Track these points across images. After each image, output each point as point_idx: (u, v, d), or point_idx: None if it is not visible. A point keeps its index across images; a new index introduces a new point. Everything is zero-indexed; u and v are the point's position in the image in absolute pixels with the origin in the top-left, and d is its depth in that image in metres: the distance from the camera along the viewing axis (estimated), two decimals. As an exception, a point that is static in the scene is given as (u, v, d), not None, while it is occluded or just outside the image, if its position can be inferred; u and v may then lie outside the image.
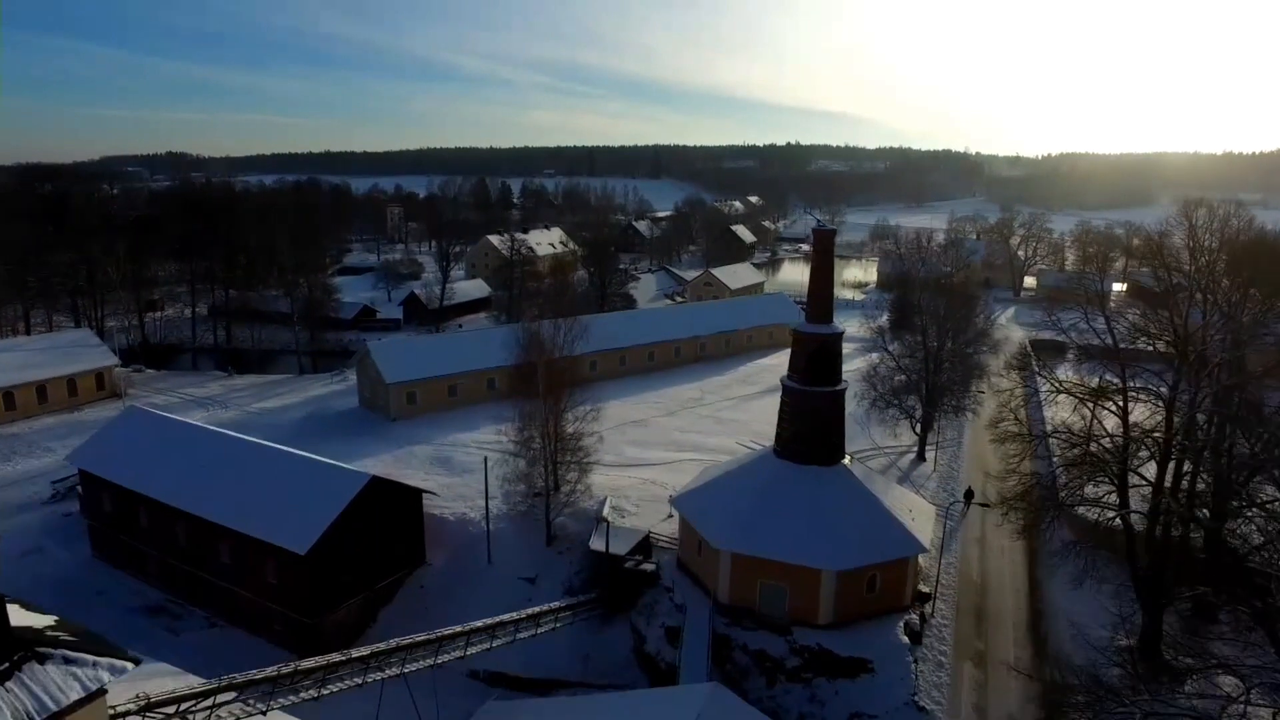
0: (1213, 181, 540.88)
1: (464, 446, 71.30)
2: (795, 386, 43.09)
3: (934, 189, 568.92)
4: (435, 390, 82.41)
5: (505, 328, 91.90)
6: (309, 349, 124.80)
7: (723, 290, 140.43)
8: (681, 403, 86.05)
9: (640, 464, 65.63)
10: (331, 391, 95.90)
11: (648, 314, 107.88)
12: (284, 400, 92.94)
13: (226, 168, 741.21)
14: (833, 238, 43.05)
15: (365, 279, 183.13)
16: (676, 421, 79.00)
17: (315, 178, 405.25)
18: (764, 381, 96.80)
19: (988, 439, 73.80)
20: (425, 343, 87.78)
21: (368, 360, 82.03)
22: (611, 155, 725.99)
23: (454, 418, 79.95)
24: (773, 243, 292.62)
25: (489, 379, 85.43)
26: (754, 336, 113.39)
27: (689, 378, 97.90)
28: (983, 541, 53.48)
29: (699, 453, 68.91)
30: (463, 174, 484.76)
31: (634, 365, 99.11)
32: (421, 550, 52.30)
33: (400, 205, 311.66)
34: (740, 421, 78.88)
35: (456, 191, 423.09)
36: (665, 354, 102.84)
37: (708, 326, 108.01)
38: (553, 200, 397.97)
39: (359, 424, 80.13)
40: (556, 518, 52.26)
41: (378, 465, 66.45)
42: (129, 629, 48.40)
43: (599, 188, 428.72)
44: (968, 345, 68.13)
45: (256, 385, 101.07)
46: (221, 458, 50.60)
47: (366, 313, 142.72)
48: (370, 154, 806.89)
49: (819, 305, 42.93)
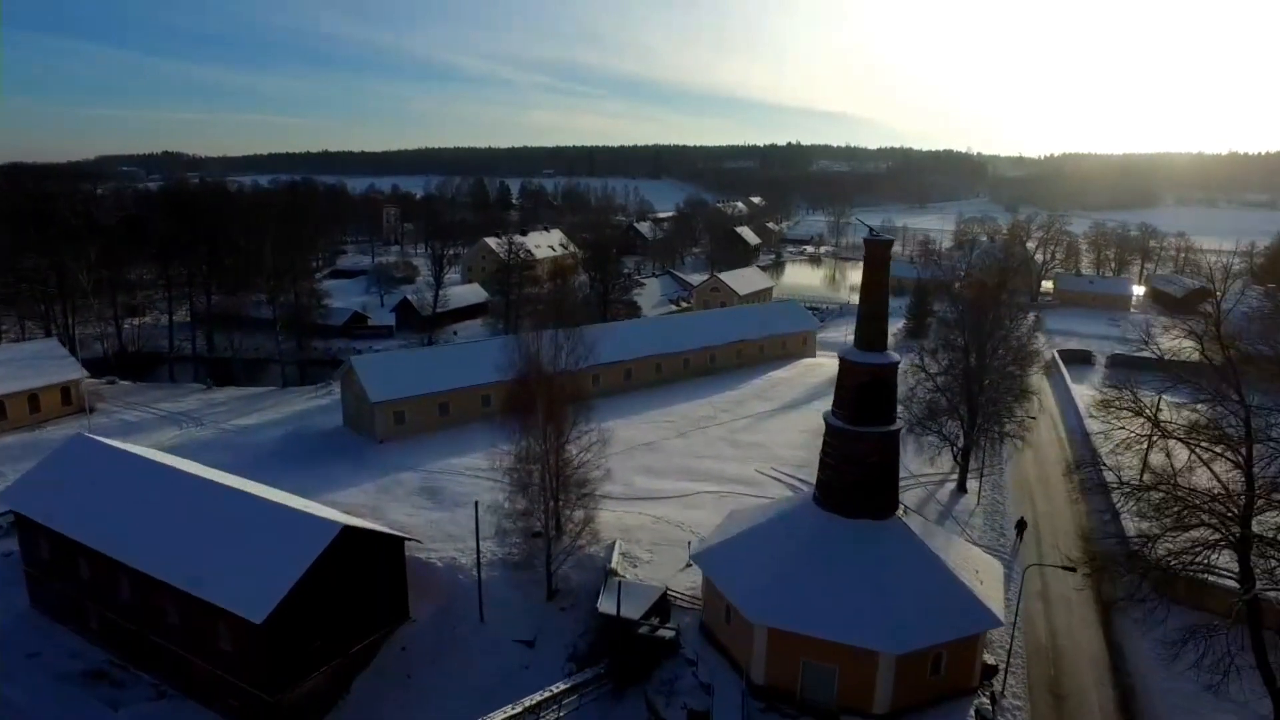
0: (1218, 183, 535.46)
1: (455, 474, 64.64)
2: (841, 426, 36.42)
3: (937, 189, 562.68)
4: (425, 409, 75.74)
5: (501, 339, 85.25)
6: (296, 358, 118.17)
7: (730, 296, 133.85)
8: (693, 422, 79.35)
9: (652, 497, 58.90)
10: (315, 407, 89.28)
11: (654, 324, 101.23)
12: (264, 416, 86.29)
13: (222, 168, 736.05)
14: (889, 250, 36.35)
15: (358, 283, 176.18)
16: (689, 444, 72.28)
17: (310, 178, 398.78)
18: (779, 397, 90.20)
19: (1031, 468, 67.82)
20: (414, 357, 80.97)
21: (352, 376, 75.36)
22: (611, 155, 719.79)
23: (445, 439, 73.34)
24: (776, 244, 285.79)
25: (484, 395, 78.83)
26: (766, 347, 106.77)
27: (699, 392, 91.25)
28: (1045, 595, 46.79)
29: (716, 483, 62.25)
30: (461, 174, 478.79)
31: (640, 379, 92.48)
32: (404, 605, 45.61)
33: (396, 206, 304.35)
34: (758, 444, 72.17)
35: (454, 192, 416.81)
36: (673, 366, 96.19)
37: (718, 336, 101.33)
38: (552, 201, 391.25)
39: (342, 446, 73.46)
40: (558, 568, 45.57)
41: (359, 497, 59.89)
42: (62, 699, 41.74)
43: (599, 188, 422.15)
44: (1011, 362, 61.29)
45: (236, 399, 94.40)
46: (174, 499, 43.84)
47: (357, 319, 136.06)
48: (369, 154, 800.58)
49: (871, 329, 36.21)
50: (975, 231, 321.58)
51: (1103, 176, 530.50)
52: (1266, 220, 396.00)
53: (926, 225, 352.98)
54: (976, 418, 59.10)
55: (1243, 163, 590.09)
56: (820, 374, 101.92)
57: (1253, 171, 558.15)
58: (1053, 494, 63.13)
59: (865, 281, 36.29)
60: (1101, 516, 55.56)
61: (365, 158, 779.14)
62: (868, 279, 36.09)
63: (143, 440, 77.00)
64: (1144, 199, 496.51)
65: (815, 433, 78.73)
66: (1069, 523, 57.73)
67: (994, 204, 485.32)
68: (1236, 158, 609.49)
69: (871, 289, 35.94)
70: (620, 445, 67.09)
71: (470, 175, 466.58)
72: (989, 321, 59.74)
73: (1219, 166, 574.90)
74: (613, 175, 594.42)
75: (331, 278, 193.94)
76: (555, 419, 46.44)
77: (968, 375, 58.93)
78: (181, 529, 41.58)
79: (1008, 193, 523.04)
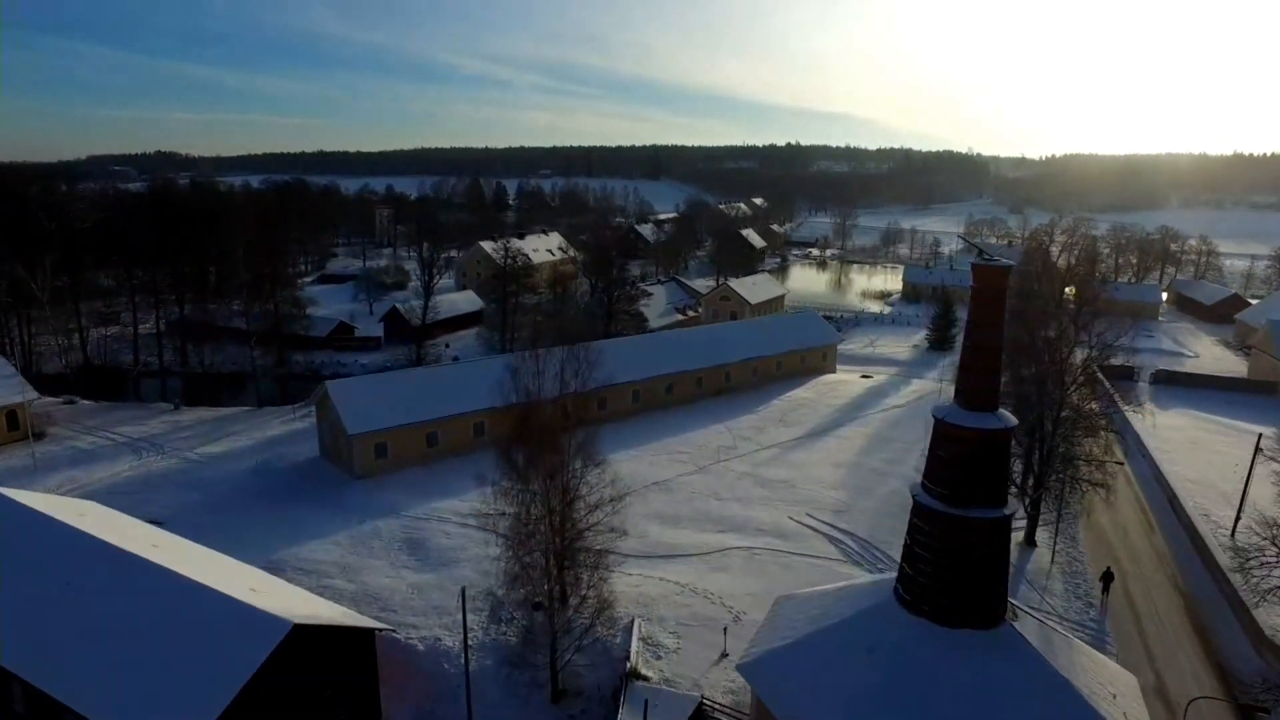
0: (1223, 183, 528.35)
1: (443, 521, 56.14)
2: (939, 509, 27.82)
3: (940, 190, 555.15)
4: (410, 440, 67.19)
5: (495, 360, 76.84)
6: (275, 371, 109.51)
7: (741, 305, 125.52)
8: (711, 453, 70.87)
9: (672, 555, 50.39)
10: (291, 431, 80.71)
11: (663, 339, 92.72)
12: (234, 442, 77.74)
13: (215, 168, 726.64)
14: (1005, 280, 27.86)
15: (347, 288, 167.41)
16: (708, 482, 63.77)
17: (302, 178, 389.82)
18: (803, 421, 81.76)
19: (1103, 514, 59.34)
20: (398, 380, 72.24)
21: (327, 403, 66.81)
22: (609, 155, 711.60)
23: (433, 475, 64.88)
24: (781, 247, 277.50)
25: (476, 423, 70.51)
26: (784, 363, 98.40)
27: (713, 416, 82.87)
28: (1163, 692, 38.31)
29: (745, 534, 53.80)
30: (457, 174, 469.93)
31: (649, 401, 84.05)
32: (375, 709, 37.10)
33: (390, 207, 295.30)
34: (787, 483, 63.70)
35: (450, 192, 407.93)
36: (685, 387, 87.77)
37: (733, 352, 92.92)
38: (550, 201, 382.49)
39: (316, 482, 64.89)
40: (565, 664, 37.05)
41: (331, 552, 51.32)
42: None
43: (598, 188, 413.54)
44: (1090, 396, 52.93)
45: (205, 422, 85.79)
46: (91, 584, 35.24)
47: (343, 330, 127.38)
48: (364, 154, 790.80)
49: (981, 382, 27.62)
50: (985, 234, 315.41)
51: (1107, 177, 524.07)
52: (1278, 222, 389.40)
53: (932, 227, 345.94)
54: (1047, 460, 50.79)
55: (1248, 164, 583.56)
56: (843, 393, 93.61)
57: (1259, 173, 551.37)
58: (1133, 545, 54.84)
59: (975, 319, 27.67)
60: (1198, 575, 47.55)
61: (361, 158, 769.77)
62: (979, 316, 27.50)
63: (96, 471, 68.77)
64: (1149, 200, 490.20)
65: (849, 468, 70.20)
66: (1162, 582, 49.45)
67: (997, 205, 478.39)
68: (1241, 159, 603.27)
69: (983, 328, 27.33)
70: (630, 481, 58.67)
71: (466, 175, 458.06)
72: (1062, 342, 51.42)
73: (1224, 168, 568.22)
74: (611, 176, 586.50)
75: (320, 283, 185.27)
76: (560, 471, 38.01)
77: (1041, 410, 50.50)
78: (96, 627, 33.03)
79: (1011, 194, 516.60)
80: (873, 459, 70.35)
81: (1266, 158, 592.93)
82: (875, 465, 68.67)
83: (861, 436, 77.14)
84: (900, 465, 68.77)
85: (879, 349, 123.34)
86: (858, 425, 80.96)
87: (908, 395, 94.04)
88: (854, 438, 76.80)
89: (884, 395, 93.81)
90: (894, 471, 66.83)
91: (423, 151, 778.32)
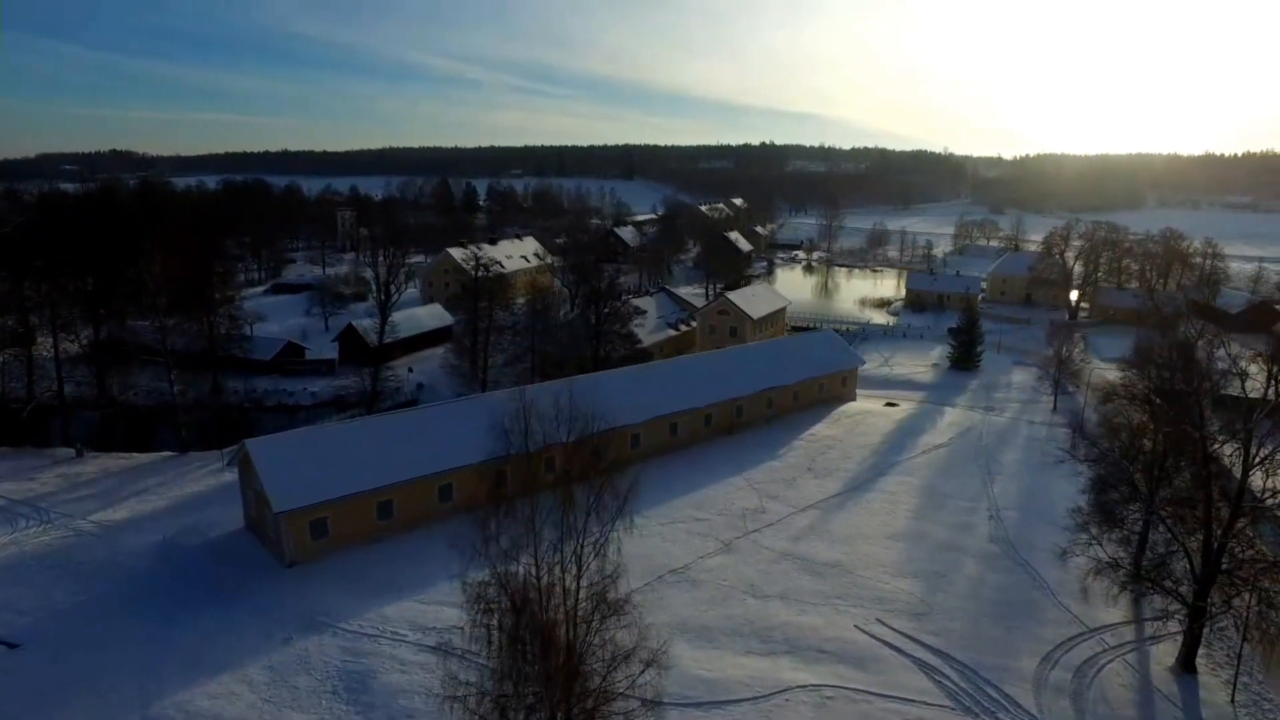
0: (1198, 184, 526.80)
1: (397, 640, 41.90)
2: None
3: (919, 191, 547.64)
4: (357, 513, 52.78)
5: (463, 406, 62.59)
6: (209, 403, 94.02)
7: (742, 321, 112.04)
8: (735, 520, 57.18)
9: (714, 701, 36.52)
10: (219, 486, 65.81)
11: (664, 370, 78.46)
12: (142, 504, 62.98)
13: (174, 167, 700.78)
14: None
15: (302, 299, 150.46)
16: (740, 568, 50.03)
17: (261, 178, 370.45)
18: (835, 470, 68.41)
19: None
20: (340, 436, 57.13)
21: (249, 466, 52.33)
22: (582, 155, 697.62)
23: (386, 560, 50.69)
24: (765, 250, 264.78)
25: (441, 485, 56.45)
26: (801, 392, 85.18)
27: (728, 462, 69.33)
28: None
29: (803, 657, 40.16)
30: (425, 174, 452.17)
31: (651, 445, 70.30)
32: None
33: (352, 208, 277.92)
34: (839, 567, 50.19)
35: (418, 193, 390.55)
36: (692, 426, 74.11)
37: (744, 382, 79.37)
38: (522, 202, 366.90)
39: (235, 569, 50.36)
40: None
41: (236, 701, 36.78)
42: None
43: (572, 189, 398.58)
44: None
45: (112, 473, 70.88)
46: None
47: (291, 351, 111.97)
48: (331, 154, 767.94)
49: None
50: (975, 235, 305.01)
51: (1084, 177, 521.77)
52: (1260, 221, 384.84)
53: (917, 228, 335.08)
54: (1217, 566, 37.56)
55: (1219, 164, 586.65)
56: (871, 429, 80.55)
57: (1233, 173, 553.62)
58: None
59: None
60: None
61: (327, 157, 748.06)
62: None
63: (-45, 552, 53.70)
64: (1127, 200, 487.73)
65: (910, 540, 54.36)
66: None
67: (977, 205, 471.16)
68: (1212, 159, 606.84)
69: None
70: (640, 572, 45.06)
71: (435, 175, 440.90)
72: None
73: (1196, 168, 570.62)
74: (584, 175, 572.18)
75: (273, 292, 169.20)
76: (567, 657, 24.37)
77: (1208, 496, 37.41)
78: None
79: (990, 194, 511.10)
80: (935, 525, 57.20)
81: (1238, 158, 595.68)
82: (940, 536, 55.50)
83: (910, 491, 63.98)
84: (970, 535, 55.76)
85: (896, 368, 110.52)
86: (900, 474, 67.80)
87: (946, 430, 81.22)
88: (901, 492, 63.63)
89: (919, 430, 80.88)
90: (967, 546, 53.76)
91: (391, 151, 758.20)
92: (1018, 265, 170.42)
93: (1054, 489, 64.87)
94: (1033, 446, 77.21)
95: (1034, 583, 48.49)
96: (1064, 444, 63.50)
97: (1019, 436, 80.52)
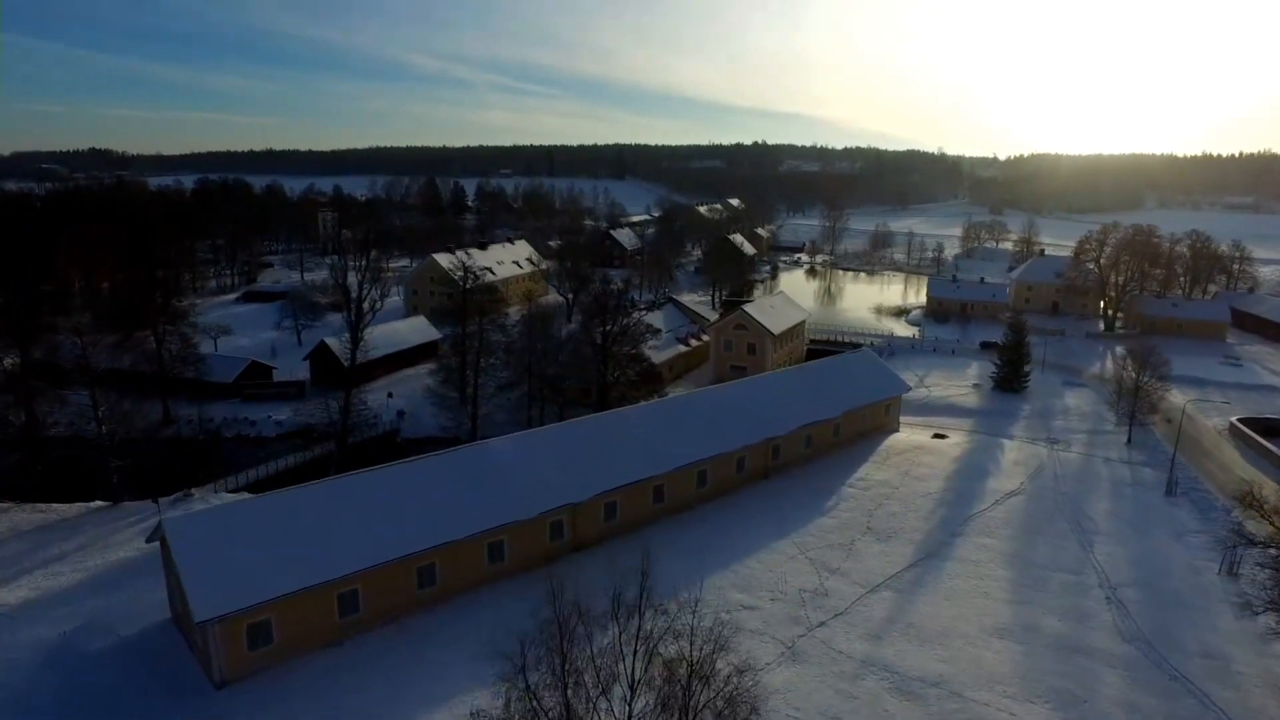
0: (1198, 184, 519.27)
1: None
2: None
3: (916, 191, 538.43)
4: (311, 610, 40.61)
5: (451, 461, 50.35)
6: (156, 435, 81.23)
7: (762, 337, 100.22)
8: (793, 609, 45.25)
9: None
10: (149, 553, 53.35)
11: (686, 407, 65.64)
12: (51, 578, 50.82)
13: (155, 166, 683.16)
14: None
15: (276, 309, 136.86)
16: (812, 686, 37.98)
17: (243, 177, 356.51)
18: (899, 529, 56.64)
19: None
20: (284, 510, 43.98)
21: (168, 549, 40.16)
22: (571, 155, 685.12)
23: (352, 672, 38.67)
24: (768, 253, 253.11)
25: (421, 567, 44.44)
26: (843, 426, 73.51)
27: (771, 520, 57.49)
28: None
29: None
30: (411, 174, 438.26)
31: (676, 498, 58.37)
32: None
33: (334, 209, 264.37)
34: (940, 685, 38.26)
35: (404, 193, 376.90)
36: (722, 472, 62.20)
37: (781, 417, 67.42)
38: (512, 203, 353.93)
39: (146, 689, 38.28)
40: None
41: None
42: None
43: (564, 189, 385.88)
44: None
45: (24, 533, 58.70)
46: None
47: (256, 371, 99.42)
48: (317, 153, 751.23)
49: None
50: (984, 238, 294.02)
51: (1081, 177, 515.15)
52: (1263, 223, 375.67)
53: (918, 229, 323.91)
54: None
55: (1220, 165, 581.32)
56: (927, 468, 68.96)
57: (1233, 173, 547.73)
58: None
59: None
60: None
61: (312, 157, 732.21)
62: None
63: None
64: (1127, 201, 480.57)
65: (1021, 635, 42.34)
66: None
67: (975, 205, 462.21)
68: (1211, 159, 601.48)
69: None
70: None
71: (422, 175, 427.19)
72: None
73: (1195, 168, 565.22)
74: (574, 175, 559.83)
75: (245, 300, 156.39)
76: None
77: None
78: None
79: (987, 194, 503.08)
80: (1044, 614, 45.53)
81: (1237, 158, 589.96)
82: (1055, 628, 43.85)
83: (996, 559, 52.34)
84: (1093, 628, 44.09)
85: (934, 389, 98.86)
86: (978, 534, 56.15)
87: (1013, 471, 69.64)
88: (986, 561, 51.99)
89: (982, 470, 69.31)
90: (1095, 646, 42.07)
91: (377, 150, 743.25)
92: (1044, 271, 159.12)
93: (1171, 556, 53.51)
94: (1120, 493, 65.78)
95: (1203, 707, 36.88)
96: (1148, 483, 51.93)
97: (1099, 479, 69.01)
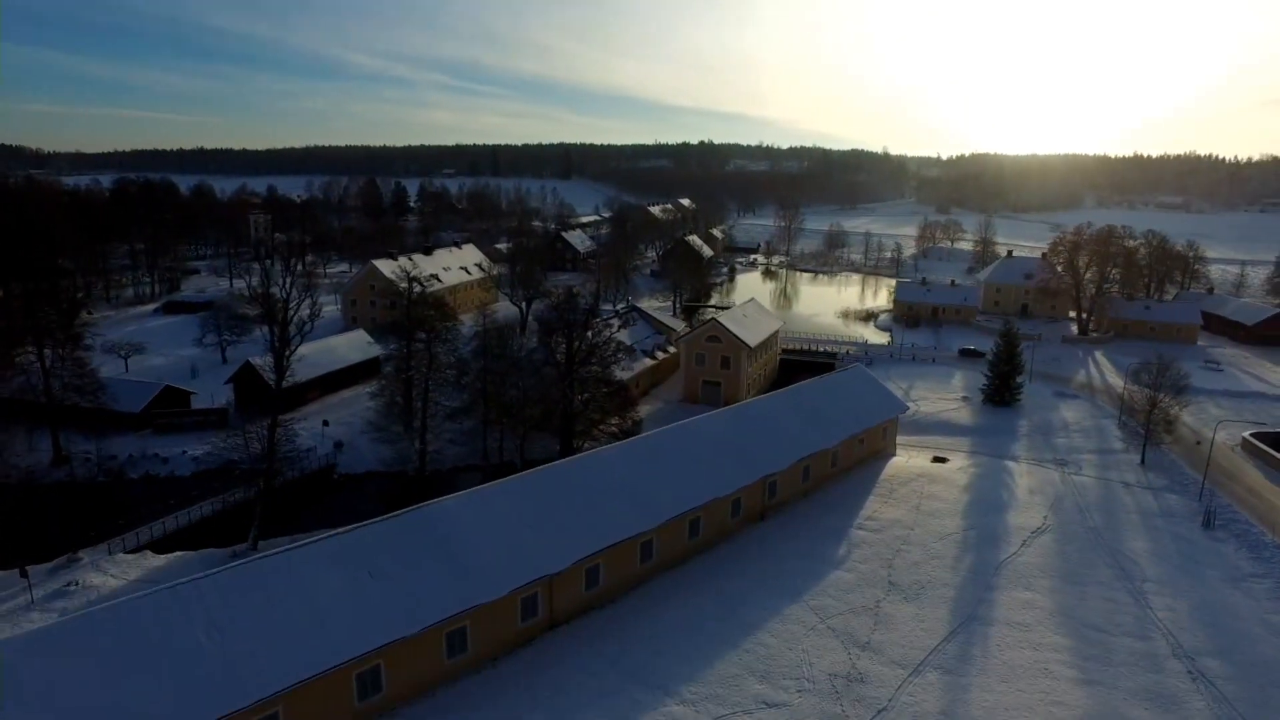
0: (1131, 185, 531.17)
1: None
2: None
3: (864, 190, 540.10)
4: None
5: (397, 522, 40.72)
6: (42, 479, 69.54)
7: (737, 350, 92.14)
8: (827, 703, 36.96)
9: None
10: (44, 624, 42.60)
11: (668, 444, 56.24)
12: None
13: (72, 165, 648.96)
14: None
15: (199, 321, 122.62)
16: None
17: (169, 177, 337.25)
18: (929, 581, 48.72)
19: None
20: (166, 617, 34.11)
21: (17, 678, 29.89)
22: (516, 154, 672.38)
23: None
24: (723, 254, 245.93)
25: (363, 672, 34.93)
26: (840, 454, 65.69)
27: (777, 577, 49.12)
28: None
29: None
30: (351, 174, 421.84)
31: (666, 554, 49.61)
32: None
33: (267, 211, 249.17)
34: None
35: (342, 194, 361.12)
36: (716, 518, 53.65)
37: (776, 450, 59.20)
38: (456, 204, 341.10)
39: None
40: None
41: None
42: None
43: (509, 189, 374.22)
44: None
45: None
46: None
47: (171, 398, 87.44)
48: (250, 152, 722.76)
49: None
50: (940, 238, 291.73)
51: (1024, 177, 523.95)
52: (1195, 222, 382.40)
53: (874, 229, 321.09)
54: None
55: (1152, 165, 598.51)
56: (940, 502, 61.44)
57: (1162, 173, 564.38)
58: None
59: None
60: None
61: (246, 156, 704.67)
62: None
63: None
64: (1068, 200, 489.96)
65: None
66: None
67: (922, 204, 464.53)
68: (1141, 160, 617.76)
69: None
70: None
71: (362, 175, 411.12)
72: None
73: (1128, 169, 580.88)
74: (519, 175, 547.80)
75: (165, 312, 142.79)
76: None
77: None
78: None
79: (933, 193, 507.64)
80: (1120, 697, 37.96)
81: (1167, 159, 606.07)
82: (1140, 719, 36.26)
83: (1047, 622, 44.69)
84: (1184, 715, 36.62)
85: (921, 403, 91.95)
86: (1017, 588, 48.52)
87: (1031, 502, 62.56)
88: (1035, 625, 44.30)
89: (997, 502, 62.09)
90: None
91: (315, 150, 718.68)
92: (1012, 272, 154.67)
93: (1239, 610, 46.67)
94: (1153, 525, 59.07)
95: None
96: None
97: (1125, 510, 62.26)
